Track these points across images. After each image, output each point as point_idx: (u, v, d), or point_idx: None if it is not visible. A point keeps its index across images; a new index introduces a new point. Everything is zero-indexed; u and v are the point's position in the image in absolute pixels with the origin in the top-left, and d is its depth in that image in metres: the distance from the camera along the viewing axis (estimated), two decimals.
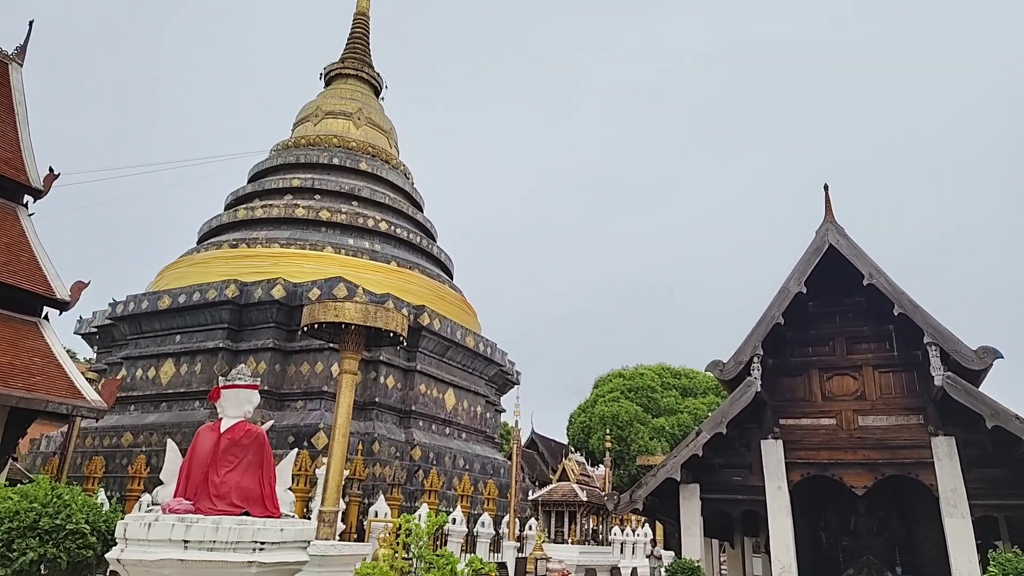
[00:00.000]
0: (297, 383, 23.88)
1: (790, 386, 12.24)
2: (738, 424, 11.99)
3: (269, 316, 24.36)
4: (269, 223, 29.26)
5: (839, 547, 15.56)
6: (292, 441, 21.36)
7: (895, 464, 11.03)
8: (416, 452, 24.87)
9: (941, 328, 10.67)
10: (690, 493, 12.14)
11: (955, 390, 10.12)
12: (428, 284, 30.24)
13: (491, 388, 33.10)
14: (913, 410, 11.20)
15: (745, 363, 11.65)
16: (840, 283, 11.99)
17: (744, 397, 11.41)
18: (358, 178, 32.28)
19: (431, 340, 27.67)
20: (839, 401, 11.79)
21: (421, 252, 32.52)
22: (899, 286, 11.22)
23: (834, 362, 12.08)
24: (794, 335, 12.39)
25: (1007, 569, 8.56)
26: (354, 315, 14.43)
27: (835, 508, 15.82)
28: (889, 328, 11.80)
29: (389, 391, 25.83)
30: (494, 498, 22.37)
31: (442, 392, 28.43)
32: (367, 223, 29.97)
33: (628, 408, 42.75)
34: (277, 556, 6.57)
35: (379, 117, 36.40)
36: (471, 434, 29.81)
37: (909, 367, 11.48)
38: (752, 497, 11.73)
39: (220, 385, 7.49)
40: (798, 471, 11.58)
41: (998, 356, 10.34)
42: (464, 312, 31.89)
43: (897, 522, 15.31)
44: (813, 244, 12.07)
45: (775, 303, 11.87)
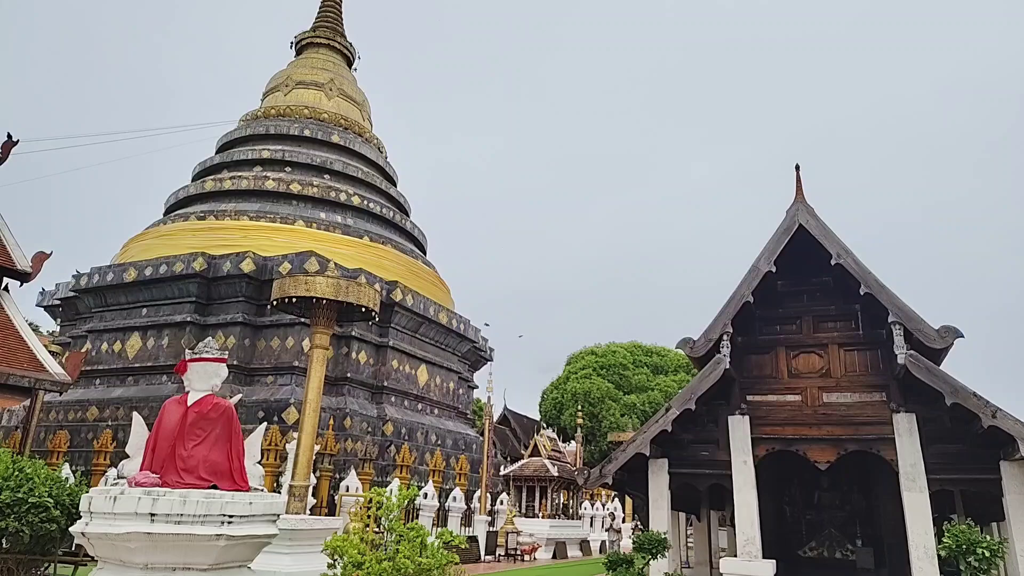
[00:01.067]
0: (267, 358, 23.66)
1: (758, 363, 12.43)
2: (707, 400, 12.15)
3: (238, 290, 24.03)
4: (238, 195, 28.74)
5: (803, 520, 16.02)
6: (262, 416, 21.21)
7: (858, 440, 11.29)
8: (388, 427, 24.89)
9: (905, 308, 10.89)
10: (659, 468, 12.31)
11: (917, 368, 10.36)
12: (401, 259, 30.05)
13: (464, 364, 33.15)
14: (876, 387, 11.45)
15: (715, 341, 11.78)
16: (809, 262, 12.15)
17: (713, 374, 11.56)
18: (330, 151, 31.79)
19: (404, 316, 27.55)
20: (805, 378, 12.00)
21: (394, 227, 32.26)
22: (866, 266, 11.41)
23: (801, 340, 12.27)
24: (763, 313, 12.54)
25: (960, 540, 8.86)
26: (325, 289, 14.30)
27: (799, 483, 16.24)
28: (855, 307, 12.00)
29: (361, 366, 25.72)
30: (466, 473, 22.52)
31: (415, 368, 28.40)
32: (339, 197, 29.60)
33: (600, 385, 43.19)
34: (246, 529, 6.54)
35: (352, 88, 35.77)
36: (443, 410, 29.89)
37: (873, 345, 11.71)
38: (719, 471, 11.94)
39: (187, 358, 7.39)
40: (764, 446, 11.80)
41: (959, 335, 10.60)
42: (438, 288, 31.78)
43: (858, 496, 15.78)
44: (783, 224, 12.20)
45: (745, 282, 12.00)
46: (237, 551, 6.56)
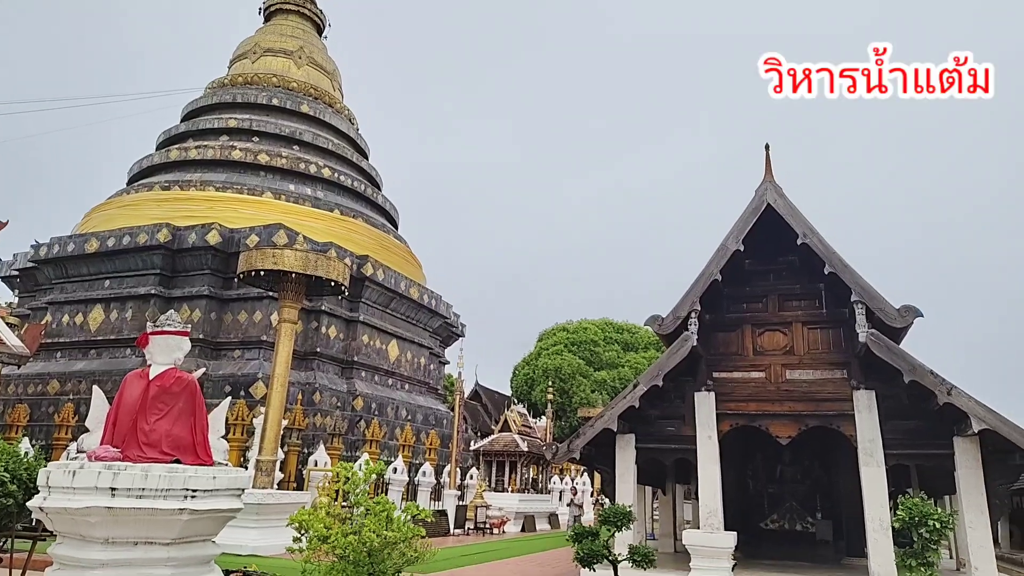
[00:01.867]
0: (234, 332, 23.37)
1: (724, 341, 12.59)
2: (674, 377, 12.31)
3: (204, 262, 23.62)
4: (204, 165, 28.11)
5: (765, 493, 16.40)
6: (229, 391, 21.00)
7: (818, 416, 11.55)
8: (358, 402, 24.84)
9: (868, 287, 11.10)
10: (626, 443, 12.48)
11: (878, 346, 10.59)
12: (372, 234, 29.77)
13: (435, 340, 33.12)
14: (837, 365, 11.69)
15: (683, 318, 11.90)
16: (776, 242, 12.28)
17: (681, 351, 11.69)
18: (300, 121, 31.18)
19: (375, 291, 27.38)
20: (769, 355, 12.21)
21: (366, 201, 31.89)
22: (831, 246, 11.57)
23: (766, 318, 12.46)
24: (730, 292, 12.69)
25: (913, 513, 9.15)
26: (294, 263, 14.15)
27: (762, 457, 16.60)
28: (819, 286, 12.20)
29: (331, 341, 25.55)
30: (436, 448, 22.63)
31: (385, 343, 28.30)
32: (309, 169, 29.13)
33: (571, 361, 43.53)
34: (209, 503, 6.50)
35: (322, 57, 35.02)
36: (414, 385, 29.90)
37: (836, 324, 11.94)
38: (684, 446, 12.14)
39: (148, 331, 7.26)
40: (728, 421, 12.01)
41: (918, 315, 10.85)
42: (409, 263, 31.60)
43: (819, 471, 16.19)
44: (752, 203, 12.29)
45: (714, 260, 12.10)
46: (201, 525, 6.52)
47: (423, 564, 7.92)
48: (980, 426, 9.73)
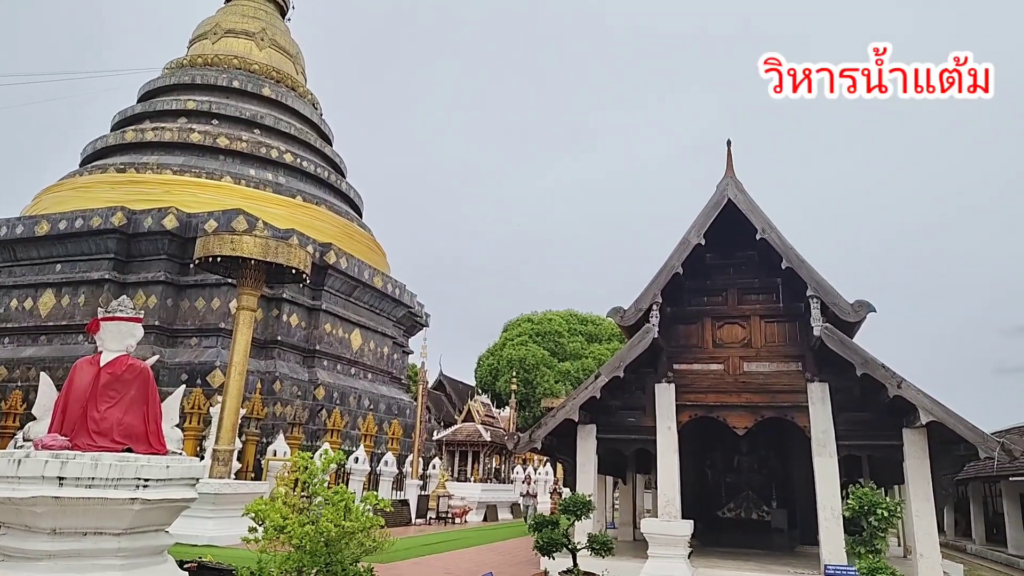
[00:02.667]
0: (191, 319, 22.88)
1: (685, 333, 12.77)
2: (635, 368, 12.44)
3: (160, 247, 23.06)
4: (161, 147, 27.38)
5: (722, 483, 16.72)
6: (186, 379, 20.59)
7: (774, 407, 11.81)
8: (320, 392, 24.57)
9: (823, 282, 11.35)
10: (587, 433, 12.59)
11: (831, 340, 10.85)
12: (336, 221, 29.40)
13: (399, 329, 32.93)
14: (793, 357, 11.96)
15: (645, 310, 12.02)
16: (736, 236, 12.47)
17: (642, 343, 11.82)
18: (261, 104, 30.55)
19: (338, 279, 27.07)
20: (728, 348, 12.42)
21: (329, 187, 31.45)
22: (788, 241, 11.80)
23: (726, 311, 12.66)
24: (692, 285, 12.86)
25: (863, 502, 9.44)
26: (253, 249, 13.89)
27: (720, 448, 16.91)
28: (777, 281, 12.44)
29: (292, 330, 25.21)
30: (398, 438, 22.53)
31: (348, 332, 28.03)
32: (270, 153, 28.58)
33: (535, 352, 43.69)
34: (162, 493, 6.38)
35: (285, 40, 34.31)
36: (377, 374, 29.70)
37: (792, 318, 12.19)
38: (645, 437, 12.30)
39: (99, 317, 7.06)
40: (687, 412, 12.20)
41: (871, 310, 11.15)
42: (373, 252, 31.31)
43: (775, 461, 16.57)
44: (713, 198, 12.46)
45: (675, 253, 12.25)
46: (153, 515, 6.40)
47: (382, 554, 7.90)
48: (928, 418, 10.05)
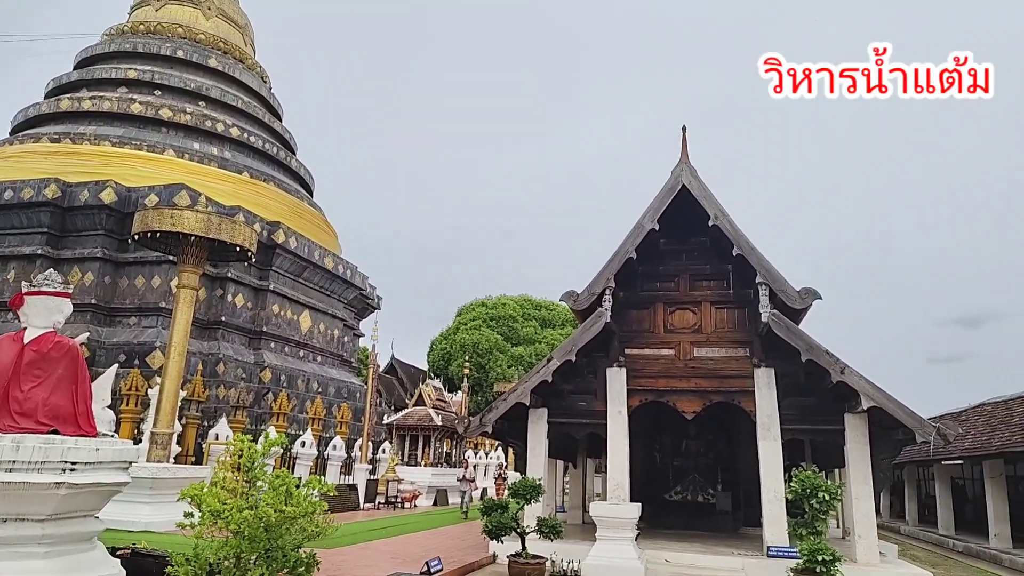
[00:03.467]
0: (131, 297, 22.00)
1: (637, 318, 12.83)
2: (587, 352, 12.45)
3: (97, 222, 22.05)
4: (99, 117, 26.11)
5: (670, 467, 16.97)
6: (124, 360, 19.81)
7: (722, 392, 11.98)
8: (266, 374, 23.98)
9: (772, 270, 11.53)
10: (538, 417, 12.56)
11: (778, 326, 11.04)
12: (285, 199, 28.62)
13: (350, 312, 32.37)
14: (741, 343, 12.14)
15: (598, 295, 12.02)
16: (689, 223, 12.56)
17: (595, 327, 11.81)
18: (207, 76, 29.40)
19: (286, 259, 26.40)
20: (679, 333, 12.53)
21: (278, 164, 30.57)
22: (740, 229, 11.94)
23: (678, 297, 12.76)
24: (645, 270, 12.91)
25: (805, 485, 9.65)
26: (195, 225, 13.35)
27: (669, 432, 17.14)
28: (728, 268, 12.59)
29: (238, 310, 24.50)
30: (348, 422, 22.16)
31: (297, 314, 27.41)
32: (216, 127, 27.56)
33: (489, 336, 43.63)
34: (91, 477, 6.04)
35: (233, 9, 33.05)
36: (327, 357, 29.16)
37: (741, 304, 12.37)
38: (595, 421, 12.34)
39: (23, 291, 6.63)
40: (638, 397, 12.28)
41: (817, 297, 11.38)
42: (323, 232, 30.62)
43: (721, 445, 16.87)
44: (668, 183, 12.50)
45: (629, 238, 12.26)
46: (81, 500, 6.06)
47: (327, 539, 7.68)
48: (869, 404, 10.32)
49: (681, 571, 10.34)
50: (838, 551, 9.05)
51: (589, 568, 10.23)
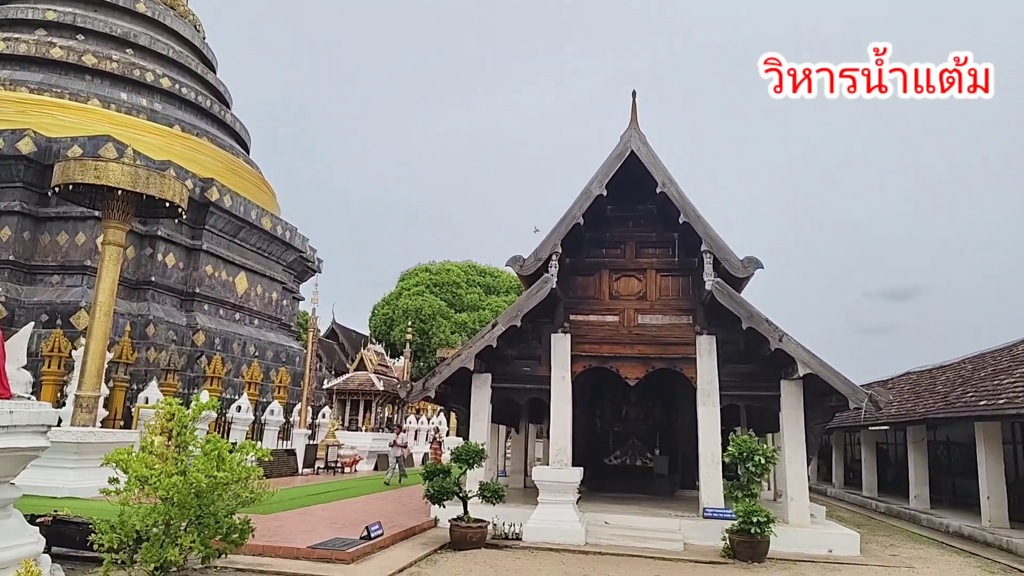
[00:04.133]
0: (53, 255, 20.77)
1: (583, 284, 12.81)
2: (532, 318, 12.39)
3: (15, 174, 20.63)
4: (14, 61, 24.26)
5: (611, 432, 17.25)
6: (46, 320, 18.77)
7: (665, 359, 12.12)
8: (199, 337, 23.14)
9: (717, 238, 11.64)
10: (482, 382, 12.48)
11: (721, 294, 11.18)
12: (219, 155, 27.39)
13: (289, 274, 31.50)
14: (685, 311, 12.27)
15: (544, 260, 11.92)
16: (637, 189, 12.53)
17: (540, 292, 11.73)
18: (134, 21, 27.61)
19: (221, 218, 25.36)
20: (624, 300, 12.58)
21: (212, 119, 29.17)
22: (687, 197, 11.98)
23: (624, 264, 12.78)
24: (592, 236, 12.86)
25: (742, 449, 9.89)
26: (120, 178, 12.57)
27: (610, 399, 17.38)
28: (674, 236, 12.65)
29: (169, 270, 23.48)
30: (286, 386, 21.65)
31: (233, 275, 26.47)
32: (145, 76, 26.02)
33: (432, 302, 43.25)
34: (4, 441, 5.64)
35: None
36: (264, 321, 28.35)
37: (686, 272, 12.48)
38: (539, 386, 12.34)
39: None
40: (582, 363, 12.32)
41: (759, 266, 11.55)
42: (261, 191, 29.52)
43: (660, 411, 17.21)
44: (616, 149, 12.41)
45: (577, 204, 12.16)
46: None
47: (263, 505, 7.45)
48: (805, 371, 10.60)
49: (620, 532, 10.51)
50: (771, 512, 9.34)
51: (531, 530, 10.31)
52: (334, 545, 8.59)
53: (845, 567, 9.12)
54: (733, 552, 9.31)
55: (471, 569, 8.25)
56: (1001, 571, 9.43)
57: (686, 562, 9.13)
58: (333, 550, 8.35)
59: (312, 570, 7.77)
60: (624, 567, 8.66)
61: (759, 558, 9.14)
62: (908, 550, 11.07)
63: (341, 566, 8.03)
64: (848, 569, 9.00)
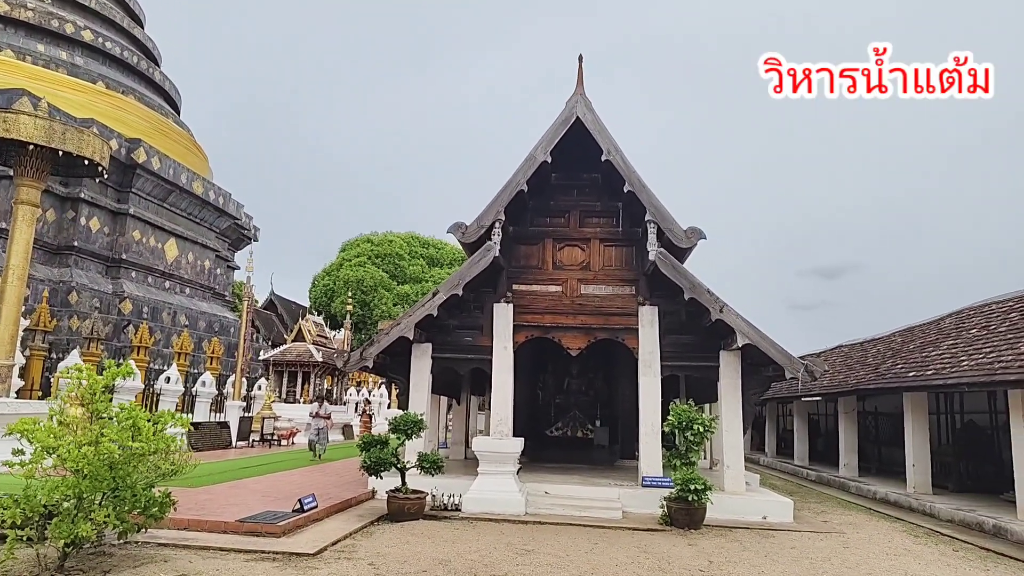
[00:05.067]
0: None
1: (526, 253, 12.63)
2: (475, 287, 12.17)
3: None
4: None
5: (553, 404, 17.26)
6: None
7: (607, 329, 12.08)
8: (126, 305, 22.11)
9: (661, 208, 11.59)
10: (422, 352, 12.21)
11: (664, 264, 11.17)
12: (148, 115, 26.03)
13: (223, 242, 30.38)
14: (628, 281, 12.24)
15: (487, 227, 11.65)
16: (582, 158, 12.37)
17: (483, 261, 11.48)
18: None
19: (149, 180, 24.18)
20: (567, 270, 12.46)
21: (139, 76, 27.65)
22: (632, 165, 11.88)
23: (567, 233, 12.64)
24: (536, 204, 12.66)
25: (682, 418, 9.95)
26: (33, 132, 11.67)
27: (552, 371, 17.36)
28: (618, 205, 12.57)
29: (93, 235, 22.29)
30: (219, 357, 20.90)
31: (162, 241, 25.36)
32: (64, 28, 24.39)
33: (374, 273, 42.48)
34: None
35: None
36: (197, 289, 27.30)
37: (630, 243, 12.42)
38: (481, 356, 12.15)
39: None
40: (524, 333, 12.18)
41: (702, 237, 11.56)
42: (193, 154, 28.23)
43: (602, 383, 17.30)
44: (562, 115, 12.18)
45: (521, 170, 11.90)
46: None
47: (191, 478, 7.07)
48: (744, 341, 10.71)
49: (560, 502, 10.49)
50: (709, 480, 9.44)
51: (470, 501, 10.18)
52: (264, 519, 8.26)
53: (779, 533, 9.32)
54: (671, 519, 9.39)
55: (407, 540, 8.06)
56: (925, 534, 9.81)
57: (624, 530, 9.16)
58: (263, 523, 8.03)
59: (240, 544, 7.44)
60: (563, 536, 8.62)
61: (696, 525, 9.25)
62: (839, 516, 11.42)
63: (271, 540, 7.73)
64: (782, 535, 9.19)
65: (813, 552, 8.15)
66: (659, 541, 8.45)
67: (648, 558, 7.51)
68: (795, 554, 8.01)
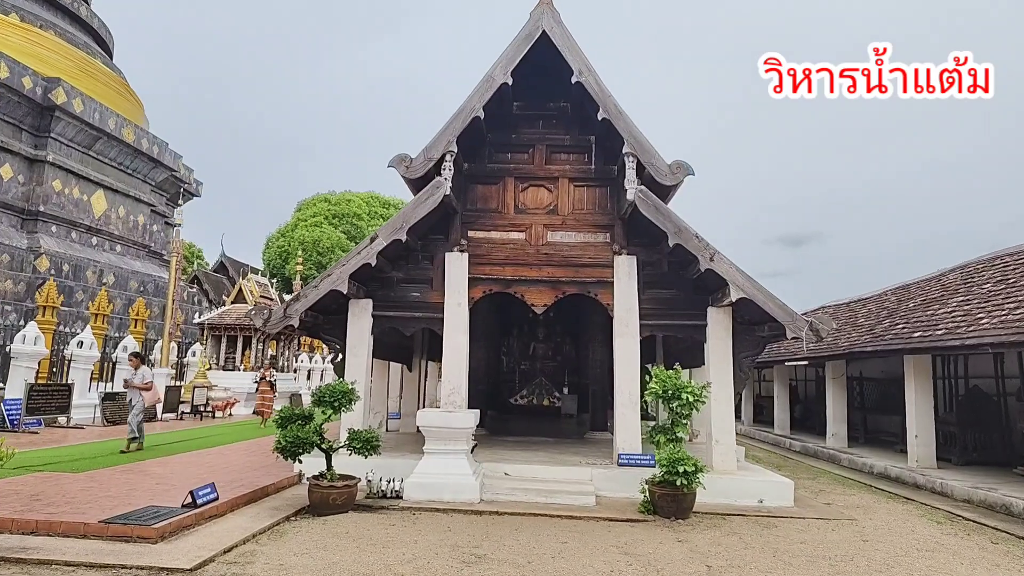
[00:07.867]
0: None
1: (484, 195, 10.79)
2: (423, 234, 10.36)
3: None
4: None
5: (518, 370, 15.61)
6: None
7: (577, 283, 10.36)
8: (43, 262, 19.79)
9: (641, 138, 9.80)
10: (360, 309, 10.37)
11: (645, 205, 9.43)
12: (70, 53, 23.30)
13: (160, 197, 27.86)
14: (602, 228, 10.49)
15: (436, 160, 9.75)
16: (550, 82, 10.53)
17: (431, 200, 9.62)
18: None
19: (71, 125, 21.63)
20: (531, 214, 10.65)
21: (63, 11, 24.80)
22: (608, 89, 10.03)
23: (532, 172, 10.80)
24: (494, 138, 10.80)
25: (667, 385, 8.29)
26: None
27: (517, 334, 15.68)
28: (591, 139, 10.76)
29: (5, 184, 19.86)
30: (144, 319, 18.75)
31: (88, 193, 22.88)
32: None
33: (331, 234, 40.21)
34: None
35: None
36: (129, 247, 24.90)
37: (604, 182, 10.65)
38: (431, 315, 10.37)
39: None
40: (481, 287, 10.40)
41: (689, 172, 9.79)
42: (123, 99, 25.53)
43: (570, 348, 15.68)
44: (524, 28, 10.23)
45: (476, 93, 9.96)
46: None
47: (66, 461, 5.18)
48: (738, 294, 9.07)
49: (523, 486, 8.84)
50: (700, 460, 7.83)
51: (413, 487, 8.49)
52: (138, 518, 6.43)
53: (781, 521, 7.78)
54: (654, 507, 7.79)
55: (325, 544, 6.32)
56: (947, 519, 8.39)
57: (599, 521, 7.54)
58: (135, 525, 6.20)
59: (96, 556, 5.63)
60: (524, 532, 6.97)
61: (684, 514, 7.66)
62: (840, 496, 9.99)
63: (143, 546, 5.93)
64: (785, 524, 7.65)
65: (828, 548, 6.62)
66: (642, 537, 6.83)
67: (631, 563, 5.89)
68: (808, 551, 6.47)
